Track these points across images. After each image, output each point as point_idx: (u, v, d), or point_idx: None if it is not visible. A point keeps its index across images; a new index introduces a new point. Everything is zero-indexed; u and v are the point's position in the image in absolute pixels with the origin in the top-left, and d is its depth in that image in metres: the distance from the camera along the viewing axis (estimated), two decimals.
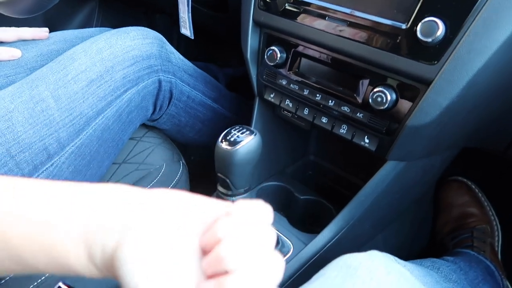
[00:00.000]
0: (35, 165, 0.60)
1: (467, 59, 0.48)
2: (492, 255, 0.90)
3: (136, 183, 0.75)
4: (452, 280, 0.64)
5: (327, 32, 0.60)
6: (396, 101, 0.56)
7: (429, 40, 0.50)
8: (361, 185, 0.84)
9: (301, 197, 0.80)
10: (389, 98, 0.55)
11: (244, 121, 1.02)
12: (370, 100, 0.57)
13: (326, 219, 0.79)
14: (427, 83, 0.52)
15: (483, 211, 0.99)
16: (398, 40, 0.53)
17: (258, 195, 0.81)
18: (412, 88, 0.54)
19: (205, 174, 0.96)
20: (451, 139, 0.63)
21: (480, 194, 1.00)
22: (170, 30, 1.42)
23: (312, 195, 0.81)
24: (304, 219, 0.80)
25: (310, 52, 0.65)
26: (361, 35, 0.56)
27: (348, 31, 0.57)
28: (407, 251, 0.94)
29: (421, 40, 0.50)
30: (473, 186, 1.01)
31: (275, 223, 0.71)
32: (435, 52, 0.50)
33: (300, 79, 0.66)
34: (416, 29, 0.51)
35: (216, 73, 1.24)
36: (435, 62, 0.51)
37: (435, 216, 1.03)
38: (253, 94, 0.78)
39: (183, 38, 1.32)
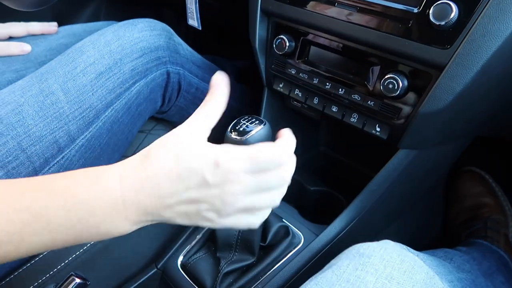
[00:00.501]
0: (46, 158, 0.61)
1: (481, 43, 0.47)
2: (506, 245, 0.89)
3: None
4: (465, 271, 0.63)
5: (337, 19, 0.59)
6: (408, 87, 0.55)
7: (442, 23, 0.48)
8: (372, 175, 0.83)
9: (312, 188, 0.80)
10: (400, 84, 0.54)
11: (253, 112, 1.02)
12: (381, 88, 0.56)
13: (337, 210, 0.78)
14: (440, 68, 0.51)
15: (497, 201, 0.97)
16: (409, 25, 0.52)
17: None
18: (424, 74, 0.53)
19: None
20: (464, 126, 0.62)
21: (494, 184, 0.99)
22: (177, 24, 1.42)
23: (323, 186, 0.80)
24: (314, 210, 0.80)
25: (319, 40, 0.64)
26: (372, 20, 0.55)
27: (358, 17, 0.56)
28: (419, 242, 0.93)
29: (433, 24, 0.49)
30: (487, 176, 1.00)
31: (285, 214, 0.71)
32: (448, 36, 0.49)
33: (309, 68, 0.66)
34: (428, 13, 0.49)
35: (224, 65, 1.23)
36: (448, 47, 0.49)
37: (448, 206, 1.02)
38: (262, 85, 0.78)
39: (191, 31, 1.32)
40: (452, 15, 0.47)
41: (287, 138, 0.46)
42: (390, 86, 0.55)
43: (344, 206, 0.77)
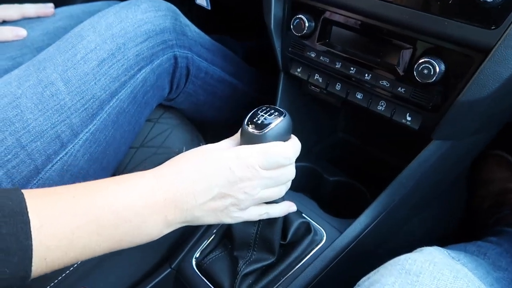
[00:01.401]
0: (48, 154, 0.56)
1: None
2: None
3: None
4: (502, 268, 0.59)
5: None
6: (445, 73, 0.49)
7: (490, 0, 0.42)
8: (395, 163, 0.78)
9: (331, 179, 0.75)
10: (437, 69, 0.49)
11: (265, 98, 0.96)
12: (414, 73, 0.50)
13: (359, 202, 0.73)
14: (484, 51, 0.45)
15: None
16: (450, 2, 0.46)
17: None
18: (465, 58, 0.47)
19: None
20: (503, 113, 0.56)
21: None
22: (181, 1, 1.35)
23: (342, 176, 0.75)
24: (334, 202, 0.75)
25: (342, 19, 0.57)
26: None
27: None
28: (443, 230, 0.89)
29: (479, 0, 0.43)
30: None
31: (304, 209, 0.66)
32: (495, 15, 0.43)
33: (331, 50, 0.60)
34: None
35: (233, 47, 1.17)
36: (495, 27, 0.43)
37: (472, 191, 0.97)
38: (275, 69, 0.72)
39: (195, 9, 1.24)
40: None
41: (294, 140, 0.52)
42: (425, 71, 0.49)
43: (367, 197, 0.72)
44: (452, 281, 0.37)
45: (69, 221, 0.39)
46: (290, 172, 0.51)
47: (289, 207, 0.57)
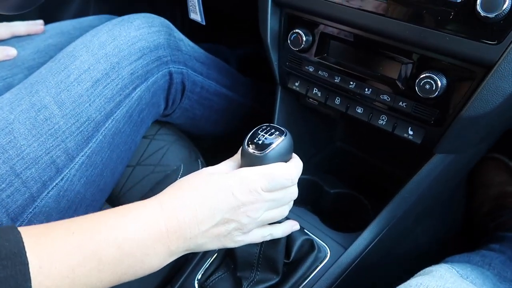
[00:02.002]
0: (44, 181, 0.54)
1: None
2: None
3: (154, 187, 0.69)
4: (508, 279, 0.59)
5: (362, 10, 0.51)
6: (448, 88, 0.49)
7: (492, 16, 0.42)
8: (395, 173, 0.78)
9: (332, 191, 0.74)
10: (439, 84, 0.48)
11: (262, 108, 0.95)
12: (416, 88, 0.50)
13: (361, 214, 0.73)
14: (487, 66, 0.45)
15: None
16: (451, 17, 0.45)
17: None
18: (468, 72, 0.47)
19: None
20: (504, 124, 0.56)
21: None
22: (172, 11, 1.33)
23: (343, 188, 0.74)
24: (336, 214, 0.75)
25: (340, 34, 0.57)
26: (404, 12, 0.48)
27: (388, 8, 0.49)
28: (445, 237, 0.89)
29: (480, 16, 0.43)
30: (511, 164, 0.94)
31: (306, 224, 0.65)
32: (498, 30, 0.43)
33: (329, 64, 0.59)
34: (474, 3, 0.43)
35: (226, 56, 1.16)
36: (498, 42, 0.43)
37: (471, 195, 0.97)
38: (270, 76, 0.70)
39: (186, 19, 1.23)
40: (505, 5, 0.41)
41: (297, 160, 0.51)
42: (427, 86, 0.49)
43: (368, 209, 0.72)
44: None
45: (69, 259, 0.37)
46: (293, 193, 0.50)
47: (292, 226, 0.56)
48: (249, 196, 0.45)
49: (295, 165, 0.50)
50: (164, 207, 0.43)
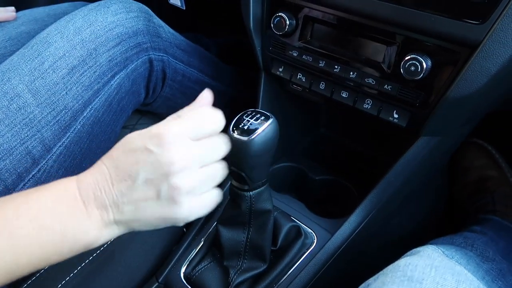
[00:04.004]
0: (19, 173, 0.52)
1: None
2: None
3: None
4: (490, 259, 0.60)
5: None
6: (433, 69, 0.48)
7: None
8: (381, 158, 0.78)
9: (317, 178, 0.74)
10: (424, 66, 0.48)
11: (246, 96, 0.94)
12: (401, 70, 0.49)
13: (346, 200, 0.73)
14: (472, 46, 0.44)
15: (502, 173, 0.94)
16: None
17: (269, 179, 0.74)
18: (452, 53, 0.47)
19: None
20: (488, 106, 0.56)
21: (497, 156, 0.95)
22: (151, 0, 1.30)
23: (328, 174, 0.74)
24: (321, 201, 0.74)
25: (324, 17, 0.56)
26: None
27: None
28: (430, 220, 0.90)
29: None
30: (490, 148, 0.96)
31: (293, 211, 0.65)
32: (483, 9, 0.43)
33: (314, 48, 0.58)
34: None
35: (207, 44, 1.13)
36: (483, 21, 0.43)
37: (452, 180, 0.98)
38: (252, 64, 0.69)
39: (165, 6, 1.20)
40: None
41: (212, 110, 0.45)
42: (412, 68, 0.48)
43: (354, 195, 0.72)
44: (455, 285, 0.37)
45: None
46: (220, 143, 0.44)
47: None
48: (170, 149, 0.39)
49: (211, 111, 0.44)
50: (78, 178, 0.41)
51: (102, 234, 0.41)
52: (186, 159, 0.39)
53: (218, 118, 0.44)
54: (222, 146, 0.45)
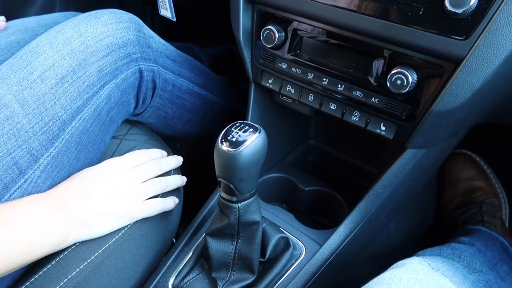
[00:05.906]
0: (5, 184, 0.52)
1: (505, 32, 0.42)
2: (503, 229, 0.87)
3: None
4: (477, 270, 0.60)
5: (333, 6, 0.52)
6: (418, 83, 0.49)
7: (460, 11, 0.43)
8: (369, 169, 0.78)
9: (306, 189, 0.74)
10: (410, 80, 0.49)
11: (235, 107, 0.94)
12: (388, 83, 0.50)
13: (336, 211, 0.73)
14: (456, 61, 0.45)
15: (489, 184, 0.95)
16: (420, 13, 0.46)
17: (259, 190, 0.74)
18: (437, 68, 0.47)
19: (197, 168, 0.88)
20: (476, 119, 0.57)
21: (485, 167, 0.97)
22: (142, 9, 1.30)
23: (317, 185, 0.75)
24: (311, 212, 0.75)
25: (314, 31, 0.57)
26: (375, 7, 0.49)
27: (358, 4, 0.50)
28: (418, 231, 0.90)
29: (449, 11, 0.43)
30: (478, 159, 0.97)
31: (281, 222, 0.65)
32: (466, 25, 0.43)
33: (303, 61, 0.59)
34: None
35: (198, 54, 1.14)
36: (466, 37, 0.44)
37: (441, 191, 0.99)
38: (242, 74, 0.70)
39: (157, 17, 1.21)
40: (472, 1, 0.41)
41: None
42: (398, 81, 0.49)
43: (343, 205, 0.72)
44: None
45: None
46: (149, 167, 0.64)
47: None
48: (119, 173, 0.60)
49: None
50: (51, 191, 0.54)
51: (72, 235, 0.52)
52: (129, 179, 0.60)
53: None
54: (150, 168, 0.64)
